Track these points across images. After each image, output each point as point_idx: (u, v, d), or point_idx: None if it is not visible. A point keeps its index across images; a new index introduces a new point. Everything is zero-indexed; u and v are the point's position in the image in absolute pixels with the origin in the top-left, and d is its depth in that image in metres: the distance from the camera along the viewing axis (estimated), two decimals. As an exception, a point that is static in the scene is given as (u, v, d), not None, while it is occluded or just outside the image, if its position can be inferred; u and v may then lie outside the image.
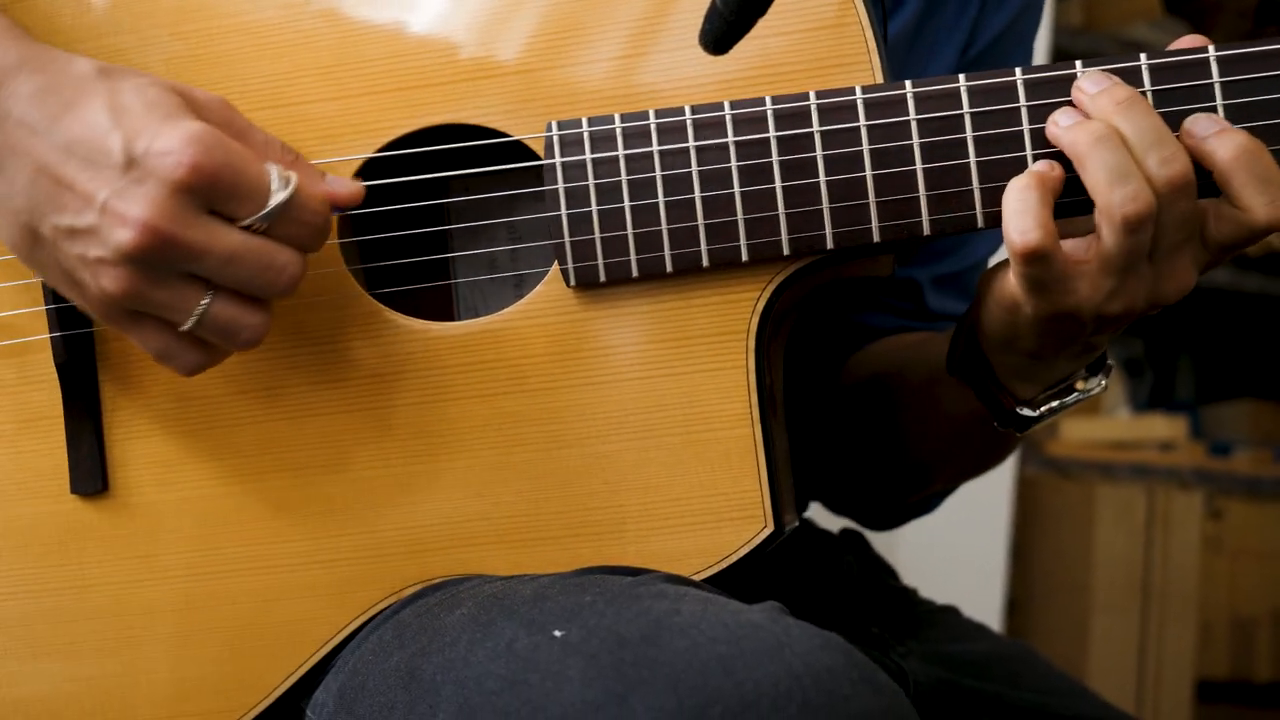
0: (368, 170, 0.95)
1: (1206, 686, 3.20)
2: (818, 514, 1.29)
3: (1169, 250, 0.88)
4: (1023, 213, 0.86)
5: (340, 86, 0.95)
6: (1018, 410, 0.98)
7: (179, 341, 0.88)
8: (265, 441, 0.95)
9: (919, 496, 1.24)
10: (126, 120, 0.83)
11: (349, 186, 0.89)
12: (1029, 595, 3.03)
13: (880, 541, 1.33)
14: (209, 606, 0.95)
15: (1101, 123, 0.86)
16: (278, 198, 0.84)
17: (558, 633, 0.78)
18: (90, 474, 0.95)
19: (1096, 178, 0.85)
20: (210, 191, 0.83)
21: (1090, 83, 0.88)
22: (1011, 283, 0.89)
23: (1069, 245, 0.87)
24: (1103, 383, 0.98)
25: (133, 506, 0.96)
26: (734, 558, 0.91)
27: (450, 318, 1.02)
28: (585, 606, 0.80)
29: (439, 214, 1.01)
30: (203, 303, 0.85)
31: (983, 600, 2.74)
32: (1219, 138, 0.86)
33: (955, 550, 2.61)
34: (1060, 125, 0.88)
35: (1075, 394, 0.98)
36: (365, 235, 0.98)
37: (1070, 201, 0.88)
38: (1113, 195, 0.85)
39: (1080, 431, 3.19)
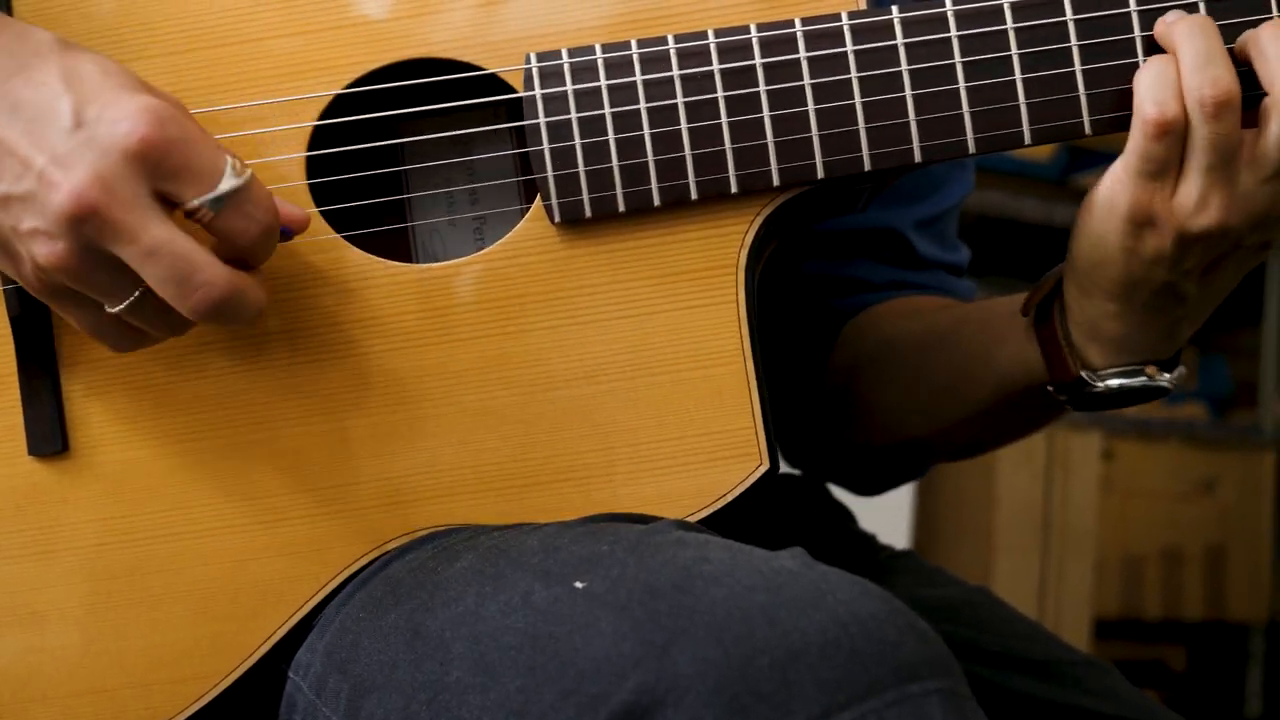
0: (333, 108, 0.91)
1: (1100, 624, 3.28)
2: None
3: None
4: (1161, 85, 0.85)
5: (303, 20, 0.90)
6: (1082, 374, 0.95)
7: (110, 323, 0.83)
8: (233, 394, 0.91)
9: (916, 466, 1.22)
10: (80, 86, 0.78)
11: (298, 211, 0.86)
12: (934, 538, 3.08)
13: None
14: (179, 569, 0.91)
15: (1200, 16, 0.87)
16: (230, 182, 0.80)
17: (579, 584, 0.75)
18: (48, 434, 0.90)
19: (1185, 62, 0.85)
20: (159, 167, 0.78)
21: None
22: (1115, 174, 0.88)
23: None
24: (1171, 381, 0.95)
25: (95, 467, 0.91)
26: (730, 497, 0.89)
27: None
28: (604, 555, 0.77)
29: (395, 155, 0.98)
30: (136, 292, 0.80)
31: (889, 543, 2.77)
32: None
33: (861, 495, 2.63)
34: (1167, 22, 0.88)
35: (1143, 379, 0.94)
36: (320, 178, 0.94)
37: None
38: (1192, 79, 0.84)
39: (976, 377, 3.24)
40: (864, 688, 0.67)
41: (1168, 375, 0.95)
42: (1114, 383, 0.94)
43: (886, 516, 2.82)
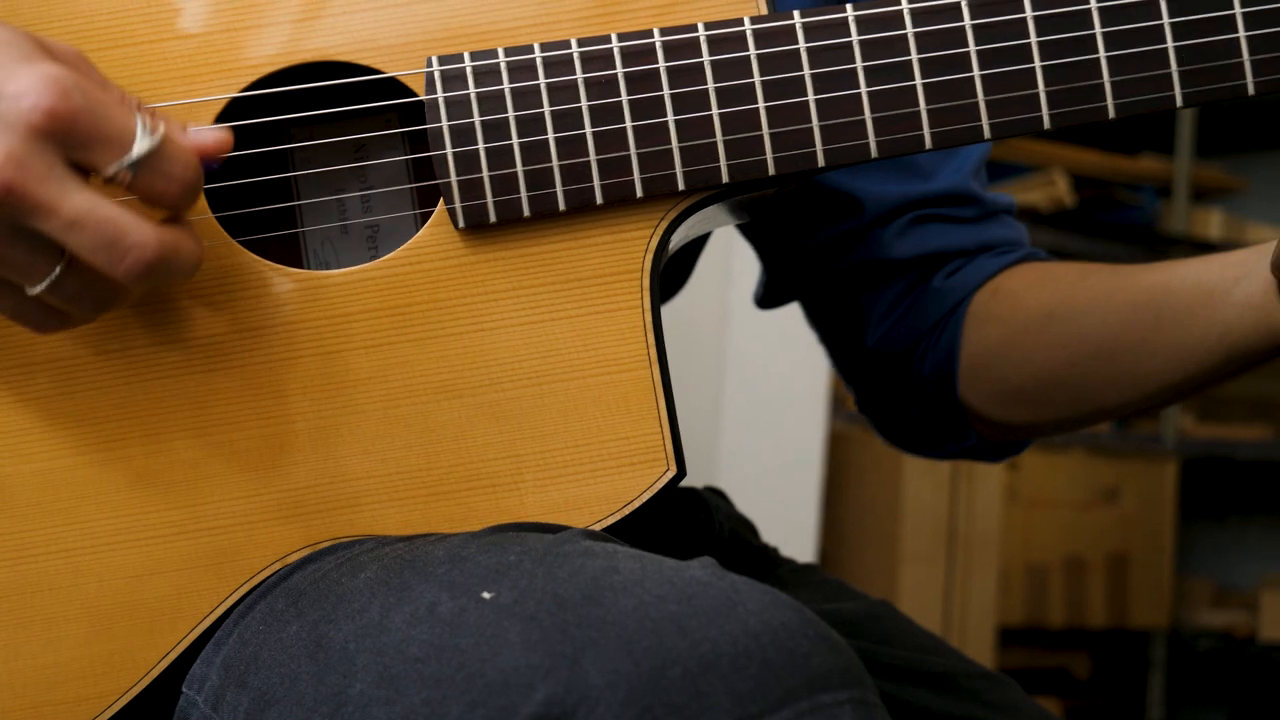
0: (230, 112, 0.89)
1: (1004, 632, 3.31)
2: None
3: None
4: None
5: (200, 22, 0.88)
6: None
7: (31, 305, 0.81)
8: (128, 405, 0.88)
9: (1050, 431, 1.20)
10: None
11: (215, 134, 0.83)
12: (840, 547, 3.09)
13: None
14: (74, 586, 0.88)
15: None
16: (143, 144, 0.78)
17: (486, 594, 0.74)
18: (-66, 448, 0.87)
19: None
20: (68, 137, 0.76)
21: None
22: None
23: None
24: None
25: (-16, 481, 0.88)
26: (637, 503, 0.89)
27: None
28: (511, 566, 0.76)
29: (286, 161, 0.96)
30: (56, 270, 0.78)
31: (795, 553, 2.76)
32: None
33: (767, 505, 2.63)
34: None
35: None
36: (210, 183, 0.92)
37: None
38: None
39: (881, 389, 3.26)
40: (777, 698, 0.67)
41: None
42: None
43: (793, 526, 2.83)
